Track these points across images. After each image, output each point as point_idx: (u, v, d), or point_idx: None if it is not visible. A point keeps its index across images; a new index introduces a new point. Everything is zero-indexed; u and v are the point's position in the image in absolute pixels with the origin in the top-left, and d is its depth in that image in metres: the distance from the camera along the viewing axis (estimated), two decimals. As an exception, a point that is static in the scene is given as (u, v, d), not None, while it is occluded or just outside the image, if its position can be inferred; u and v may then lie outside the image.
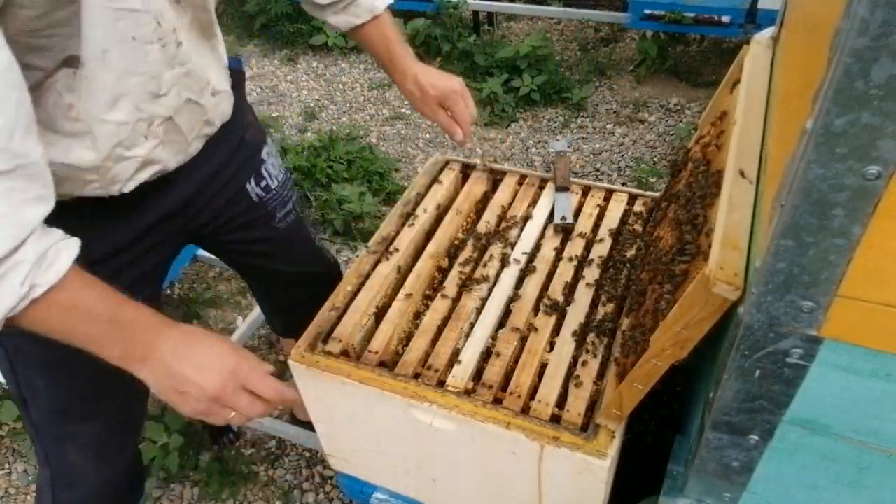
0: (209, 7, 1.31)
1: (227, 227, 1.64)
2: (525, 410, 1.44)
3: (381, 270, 1.77)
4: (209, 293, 3.14)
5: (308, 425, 2.12)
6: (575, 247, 1.81)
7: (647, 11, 3.93)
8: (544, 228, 1.89)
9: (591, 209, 1.92)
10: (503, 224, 1.91)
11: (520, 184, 2.04)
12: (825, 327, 0.90)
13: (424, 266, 1.79)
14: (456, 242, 1.90)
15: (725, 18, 3.78)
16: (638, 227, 1.84)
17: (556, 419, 1.42)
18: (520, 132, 4.04)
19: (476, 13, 4.65)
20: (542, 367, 1.54)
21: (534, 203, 1.97)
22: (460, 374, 1.52)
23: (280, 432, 2.32)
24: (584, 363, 1.52)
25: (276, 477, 2.44)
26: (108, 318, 0.97)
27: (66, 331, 0.96)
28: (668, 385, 1.30)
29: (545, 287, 1.72)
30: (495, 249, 1.82)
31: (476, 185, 2.03)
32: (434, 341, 1.62)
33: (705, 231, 1.27)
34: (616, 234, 1.84)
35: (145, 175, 1.28)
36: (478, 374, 1.53)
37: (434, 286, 1.79)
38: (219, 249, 1.78)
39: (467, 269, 1.79)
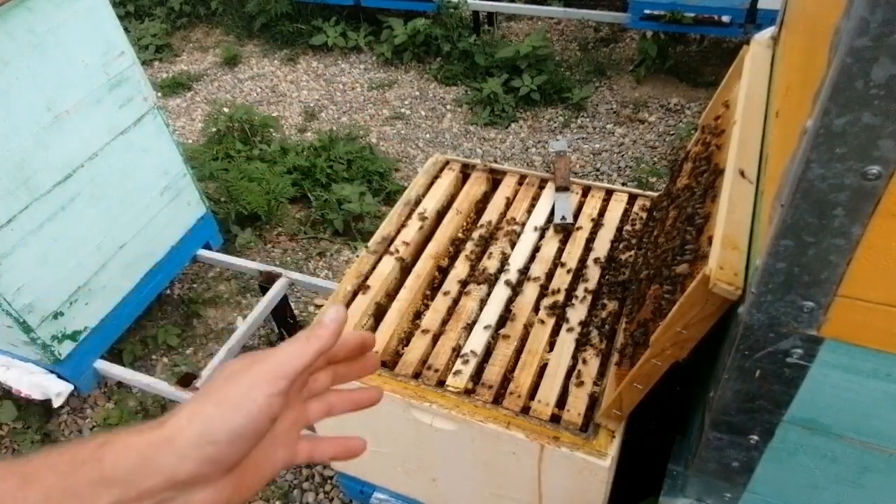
0: None
1: None
2: (525, 410, 1.44)
3: (381, 271, 1.77)
4: (209, 293, 3.14)
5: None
6: (575, 247, 1.81)
7: (647, 11, 3.93)
8: (544, 228, 1.89)
9: (591, 209, 1.92)
10: (503, 224, 1.91)
11: (520, 184, 2.04)
12: (825, 327, 0.90)
13: (424, 266, 1.79)
14: (456, 242, 1.90)
15: (725, 18, 3.79)
16: (638, 227, 1.84)
17: (556, 419, 1.42)
18: (520, 132, 4.04)
19: (476, 13, 4.65)
20: (542, 367, 1.54)
21: (534, 203, 1.97)
22: (460, 374, 1.52)
23: (280, 432, 2.32)
24: (584, 363, 1.52)
25: (276, 477, 2.44)
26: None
27: None
28: (668, 385, 1.30)
29: (545, 287, 1.72)
30: (495, 249, 1.82)
31: (476, 185, 2.03)
32: (434, 341, 1.62)
33: (705, 231, 1.27)
34: (616, 234, 1.84)
35: None
36: (478, 374, 1.53)
37: (434, 286, 1.79)
38: None
39: (467, 268, 1.79)
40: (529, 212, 1.94)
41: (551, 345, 1.59)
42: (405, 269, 1.82)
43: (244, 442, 0.56)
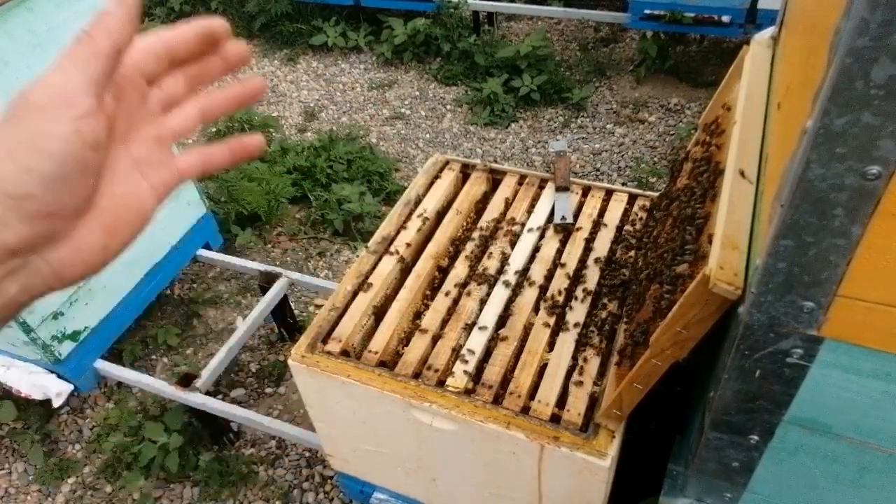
0: None
1: None
2: (525, 410, 1.44)
3: (381, 270, 1.77)
4: (209, 293, 3.14)
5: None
6: (575, 247, 1.81)
7: (647, 11, 3.93)
8: (544, 228, 1.89)
9: (591, 209, 1.92)
10: (503, 224, 1.91)
11: (520, 184, 2.04)
12: (825, 327, 0.90)
13: (424, 266, 1.79)
14: (456, 242, 1.90)
15: (725, 18, 3.79)
16: (638, 227, 1.84)
17: (556, 419, 1.42)
18: (520, 132, 4.04)
19: (476, 13, 4.65)
20: (542, 366, 1.54)
21: (534, 203, 1.97)
22: (460, 374, 1.52)
23: (280, 432, 2.32)
24: (584, 363, 1.52)
25: (276, 477, 2.44)
26: None
27: None
28: (668, 385, 1.30)
29: (545, 287, 1.72)
30: (495, 249, 1.82)
31: (476, 185, 2.03)
32: (434, 341, 1.62)
33: (705, 231, 1.27)
34: (616, 234, 1.84)
35: None
36: (478, 374, 1.53)
37: (434, 286, 1.79)
38: None
39: (467, 269, 1.79)
40: (529, 212, 1.94)
41: (551, 345, 1.59)
42: (405, 269, 1.82)
43: (70, 184, 0.46)
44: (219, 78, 0.59)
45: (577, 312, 1.64)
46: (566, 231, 1.86)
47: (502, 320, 1.65)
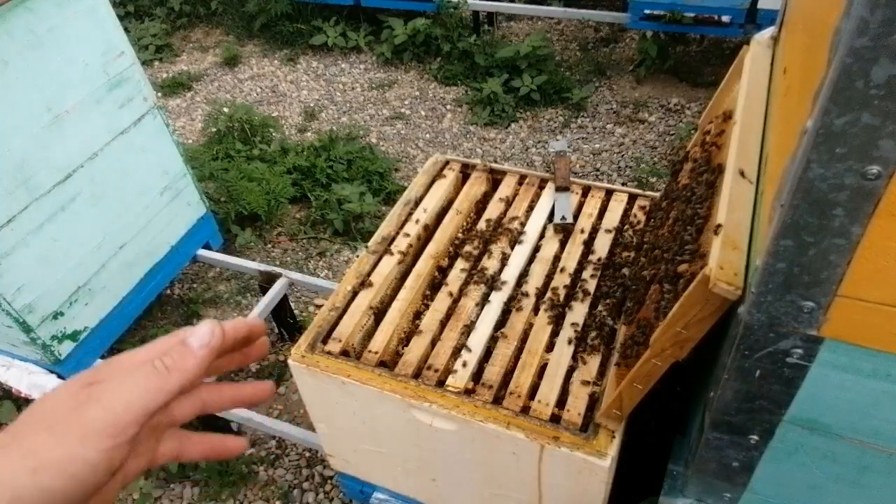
0: None
1: None
2: (525, 410, 1.44)
3: (381, 270, 1.77)
4: (209, 293, 3.14)
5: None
6: (575, 247, 1.81)
7: (647, 11, 3.93)
8: (544, 228, 1.89)
9: (591, 209, 1.92)
10: (503, 224, 1.91)
11: (520, 184, 2.04)
12: (825, 327, 0.90)
13: (424, 266, 1.79)
14: (456, 242, 1.90)
15: (725, 18, 3.79)
16: (638, 227, 1.84)
17: (556, 419, 1.42)
18: (520, 132, 4.04)
19: (476, 13, 4.65)
20: (542, 367, 1.54)
21: (534, 203, 1.97)
22: (460, 374, 1.52)
23: (280, 432, 2.32)
24: (585, 363, 1.52)
25: (276, 477, 2.44)
26: None
27: None
28: (668, 385, 1.30)
29: (545, 287, 1.72)
30: (495, 249, 1.82)
31: (476, 185, 2.03)
32: (434, 341, 1.61)
33: (705, 231, 1.27)
34: (616, 235, 1.84)
35: None
36: (478, 374, 1.53)
37: (434, 286, 1.79)
38: None
39: (467, 268, 1.78)
40: (529, 212, 1.94)
41: (551, 345, 1.59)
42: (405, 269, 1.82)
43: (76, 501, 0.46)
44: (234, 369, 0.59)
45: (577, 312, 1.64)
46: (566, 231, 1.86)
47: (502, 320, 1.65)
